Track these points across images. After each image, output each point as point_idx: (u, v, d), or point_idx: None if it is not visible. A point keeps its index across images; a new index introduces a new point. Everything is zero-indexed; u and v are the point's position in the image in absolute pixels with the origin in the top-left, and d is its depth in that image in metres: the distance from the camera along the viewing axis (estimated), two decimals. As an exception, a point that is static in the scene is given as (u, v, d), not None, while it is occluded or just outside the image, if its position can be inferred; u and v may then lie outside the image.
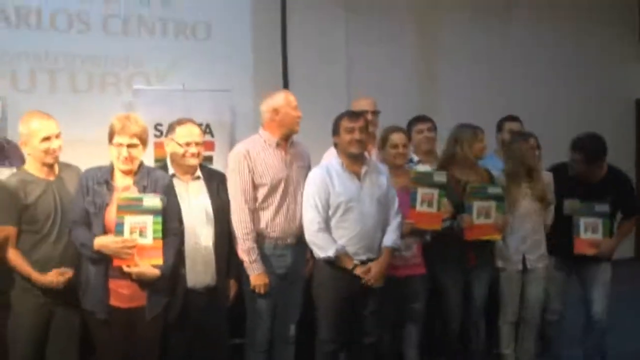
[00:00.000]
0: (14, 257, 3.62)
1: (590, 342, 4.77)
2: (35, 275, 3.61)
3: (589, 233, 4.55)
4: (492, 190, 4.46)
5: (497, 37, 7.85)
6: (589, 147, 4.65)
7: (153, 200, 3.59)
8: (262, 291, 4.06)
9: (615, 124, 7.43)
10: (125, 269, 3.53)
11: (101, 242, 3.52)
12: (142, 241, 3.55)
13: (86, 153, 4.23)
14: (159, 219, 3.58)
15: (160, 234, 3.59)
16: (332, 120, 4.32)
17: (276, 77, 6.66)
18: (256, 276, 4.04)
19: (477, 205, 4.41)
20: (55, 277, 3.63)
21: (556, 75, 8.08)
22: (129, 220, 3.54)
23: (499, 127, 5.46)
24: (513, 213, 4.53)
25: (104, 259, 3.55)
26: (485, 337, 4.81)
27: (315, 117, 4.66)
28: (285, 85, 6.57)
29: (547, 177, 4.74)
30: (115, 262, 3.54)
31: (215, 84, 6.04)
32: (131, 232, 3.53)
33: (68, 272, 3.65)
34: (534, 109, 7.20)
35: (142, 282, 3.59)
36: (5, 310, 3.65)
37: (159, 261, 3.59)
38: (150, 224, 3.56)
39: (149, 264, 3.56)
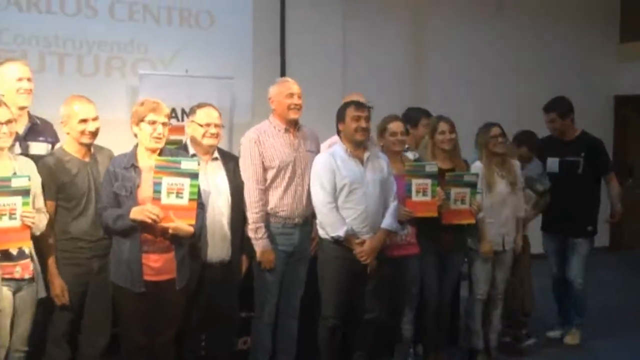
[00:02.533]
0: (53, 241, 3.82)
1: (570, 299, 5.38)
2: (53, 271, 3.82)
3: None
4: (467, 178, 4.72)
5: (487, 33, 8.10)
6: (560, 103, 5.48)
7: (191, 164, 3.73)
8: (267, 267, 4.28)
9: (595, 118, 7.70)
10: (164, 224, 3.65)
11: (137, 209, 3.64)
12: (178, 202, 3.67)
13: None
14: (196, 182, 3.71)
15: (195, 196, 3.72)
16: (327, 107, 4.54)
17: (275, 65, 6.86)
18: (262, 252, 4.26)
19: (454, 191, 4.68)
20: (61, 290, 3.83)
21: (541, 71, 8.36)
22: (166, 181, 3.65)
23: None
24: (491, 198, 4.80)
25: (136, 233, 3.69)
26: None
27: (312, 105, 4.81)
28: (283, 74, 6.76)
29: (517, 164, 5.03)
30: (152, 227, 3.67)
31: (217, 71, 6.24)
32: (168, 193, 3.66)
33: (66, 295, 3.85)
34: (520, 102, 7.51)
35: (175, 241, 3.75)
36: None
37: (192, 221, 3.72)
38: (187, 185, 3.68)
39: (184, 224, 3.71)
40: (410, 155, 4.90)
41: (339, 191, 4.25)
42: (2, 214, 3.40)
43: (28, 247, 3.58)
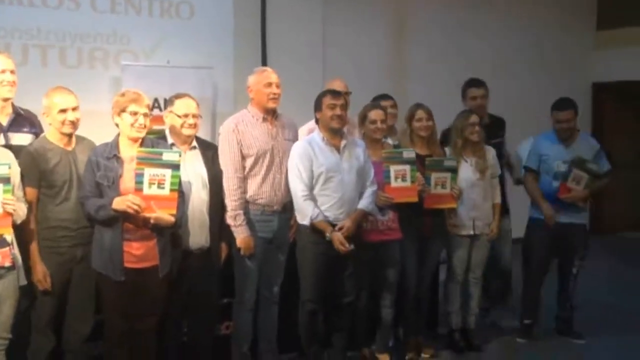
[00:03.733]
0: (34, 227, 3.89)
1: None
2: (36, 257, 3.89)
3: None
4: (447, 163, 4.85)
5: (467, 23, 8.19)
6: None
7: (172, 155, 3.83)
8: (247, 253, 4.36)
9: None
10: (146, 214, 3.74)
11: (119, 199, 3.72)
12: (159, 192, 3.76)
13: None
14: (177, 173, 3.80)
15: (177, 187, 3.82)
16: (308, 97, 4.61)
17: (255, 55, 6.92)
18: (241, 239, 4.34)
19: (434, 176, 4.79)
20: (43, 275, 3.90)
21: (521, 59, 8.47)
22: (148, 172, 3.74)
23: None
24: (460, 183, 4.90)
25: (118, 222, 3.78)
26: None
27: (292, 94, 4.92)
28: (264, 63, 6.83)
29: (490, 151, 5.13)
30: (134, 217, 3.75)
31: (198, 61, 6.31)
32: (150, 184, 3.75)
33: (48, 280, 3.92)
34: (500, 91, 7.58)
35: (157, 230, 3.84)
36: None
37: (173, 211, 3.82)
38: (168, 176, 3.77)
39: (166, 214, 3.80)
40: (390, 142, 4.99)
41: (315, 179, 4.35)
42: None
43: (9, 234, 3.63)
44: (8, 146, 3.96)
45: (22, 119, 4.23)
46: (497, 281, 5.67)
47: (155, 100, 5.72)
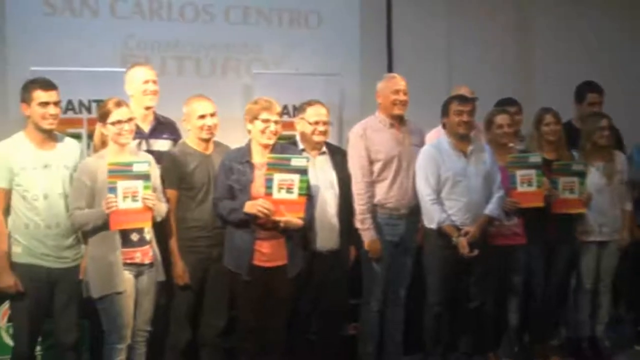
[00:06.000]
0: (174, 226, 4.13)
1: None
2: (175, 253, 4.12)
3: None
4: (575, 167, 4.77)
5: (591, 22, 7.92)
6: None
7: (300, 161, 3.97)
8: (374, 256, 4.45)
9: None
10: (275, 218, 3.88)
11: (250, 203, 3.88)
12: (288, 196, 3.91)
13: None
14: (305, 178, 3.94)
15: (305, 191, 3.94)
16: (433, 102, 4.67)
17: (382, 62, 6.98)
18: (369, 242, 4.44)
19: (562, 181, 4.72)
20: (182, 272, 4.11)
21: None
22: (278, 177, 3.89)
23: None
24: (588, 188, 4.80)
25: (249, 224, 3.93)
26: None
27: (418, 99, 4.89)
28: (390, 70, 6.89)
29: (619, 156, 5.01)
30: (263, 220, 3.90)
31: (326, 69, 6.44)
32: (279, 188, 3.90)
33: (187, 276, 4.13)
34: (628, 93, 7.33)
35: (286, 233, 3.97)
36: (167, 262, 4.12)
37: (302, 215, 3.95)
38: (297, 181, 3.91)
39: (294, 217, 3.94)
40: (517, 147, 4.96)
41: (442, 183, 4.40)
42: (126, 197, 3.67)
43: (148, 227, 3.83)
44: (149, 152, 4.20)
45: (163, 126, 4.48)
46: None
47: (285, 107, 5.88)
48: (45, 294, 3.85)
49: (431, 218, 4.39)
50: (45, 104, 3.76)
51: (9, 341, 4.11)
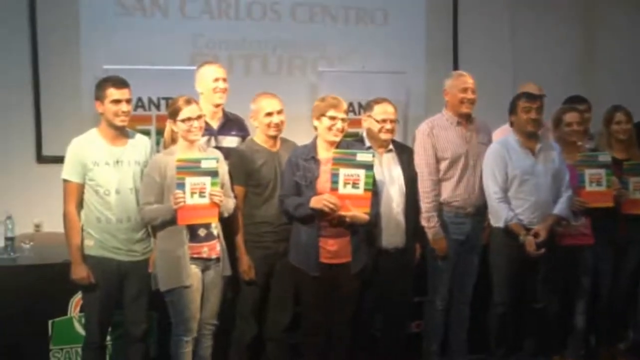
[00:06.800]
0: (241, 221, 4.19)
1: None
2: (242, 249, 4.19)
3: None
4: None
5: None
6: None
7: (366, 156, 3.95)
8: (440, 254, 4.44)
9: None
10: (341, 213, 3.87)
11: (316, 198, 3.89)
12: (354, 191, 3.91)
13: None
14: (371, 173, 3.93)
15: (370, 186, 3.93)
16: (499, 100, 4.63)
17: (447, 59, 6.96)
18: (435, 240, 4.43)
19: (633, 181, 4.63)
20: (248, 267, 4.17)
21: None
22: (343, 172, 3.88)
23: None
24: None
25: (314, 220, 3.94)
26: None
27: (484, 97, 4.84)
28: (455, 68, 6.84)
29: None
30: (329, 215, 3.90)
31: (392, 66, 6.45)
32: (345, 183, 3.90)
33: (253, 271, 4.20)
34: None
35: (352, 228, 3.98)
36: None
37: (367, 210, 3.94)
38: (362, 176, 3.90)
39: (360, 212, 3.94)
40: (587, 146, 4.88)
41: (510, 181, 4.36)
42: (193, 192, 3.73)
43: (215, 222, 3.90)
44: (218, 148, 4.26)
45: (231, 123, 4.54)
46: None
47: (350, 104, 5.92)
48: (115, 286, 3.95)
49: (498, 216, 4.35)
50: (117, 101, 3.85)
51: (81, 331, 4.20)
